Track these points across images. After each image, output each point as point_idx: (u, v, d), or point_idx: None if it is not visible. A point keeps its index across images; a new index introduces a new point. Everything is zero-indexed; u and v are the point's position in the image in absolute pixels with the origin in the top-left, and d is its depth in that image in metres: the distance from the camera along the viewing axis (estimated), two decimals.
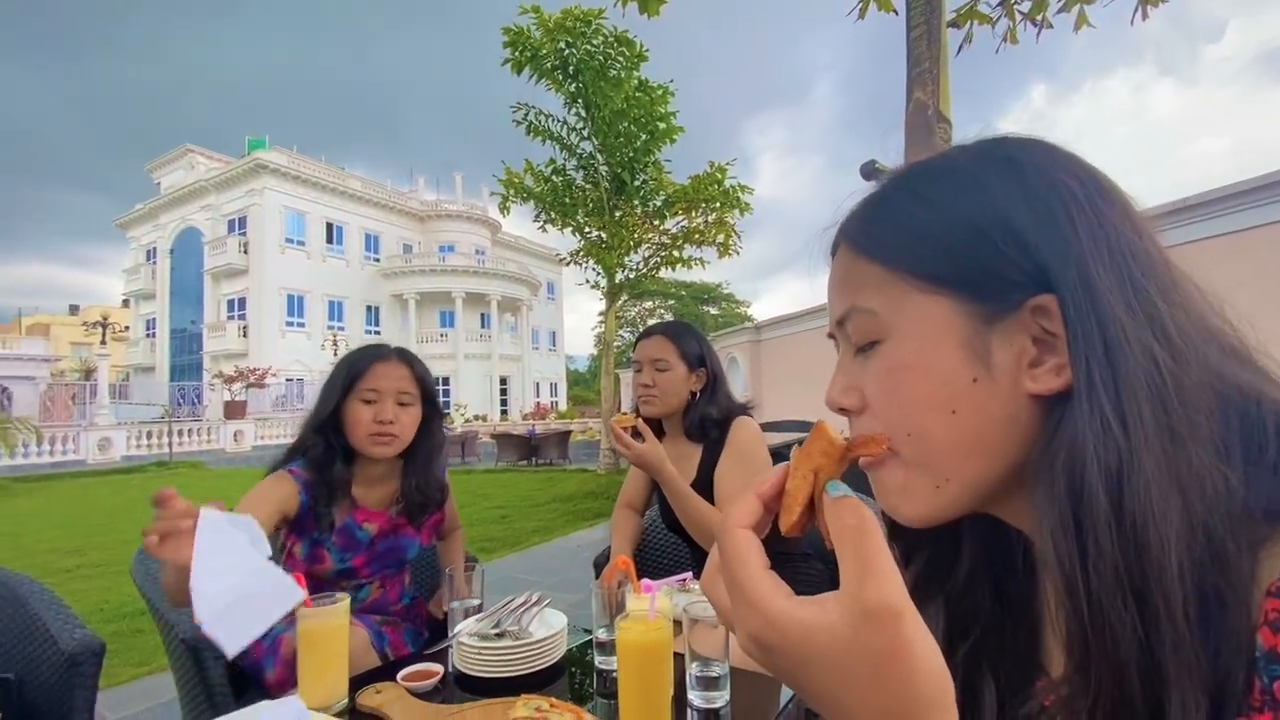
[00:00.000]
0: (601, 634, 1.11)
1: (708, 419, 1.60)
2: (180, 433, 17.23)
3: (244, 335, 25.79)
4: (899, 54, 3.36)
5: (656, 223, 8.23)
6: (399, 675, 1.07)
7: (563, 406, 34.89)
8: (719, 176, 7.82)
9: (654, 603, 0.97)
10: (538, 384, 35.33)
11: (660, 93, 7.52)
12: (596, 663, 1.11)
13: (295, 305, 26.45)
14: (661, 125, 7.71)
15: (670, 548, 1.89)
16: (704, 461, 1.60)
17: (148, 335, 30.87)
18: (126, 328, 33.21)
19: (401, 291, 28.97)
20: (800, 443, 0.36)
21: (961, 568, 0.44)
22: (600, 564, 1.83)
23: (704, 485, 1.56)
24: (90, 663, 1.11)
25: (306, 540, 1.37)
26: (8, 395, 22.53)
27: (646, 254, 8.45)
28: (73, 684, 1.10)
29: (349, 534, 1.40)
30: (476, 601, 1.29)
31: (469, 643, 1.12)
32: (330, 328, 26.88)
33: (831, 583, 0.29)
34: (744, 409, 1.64)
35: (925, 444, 0.36)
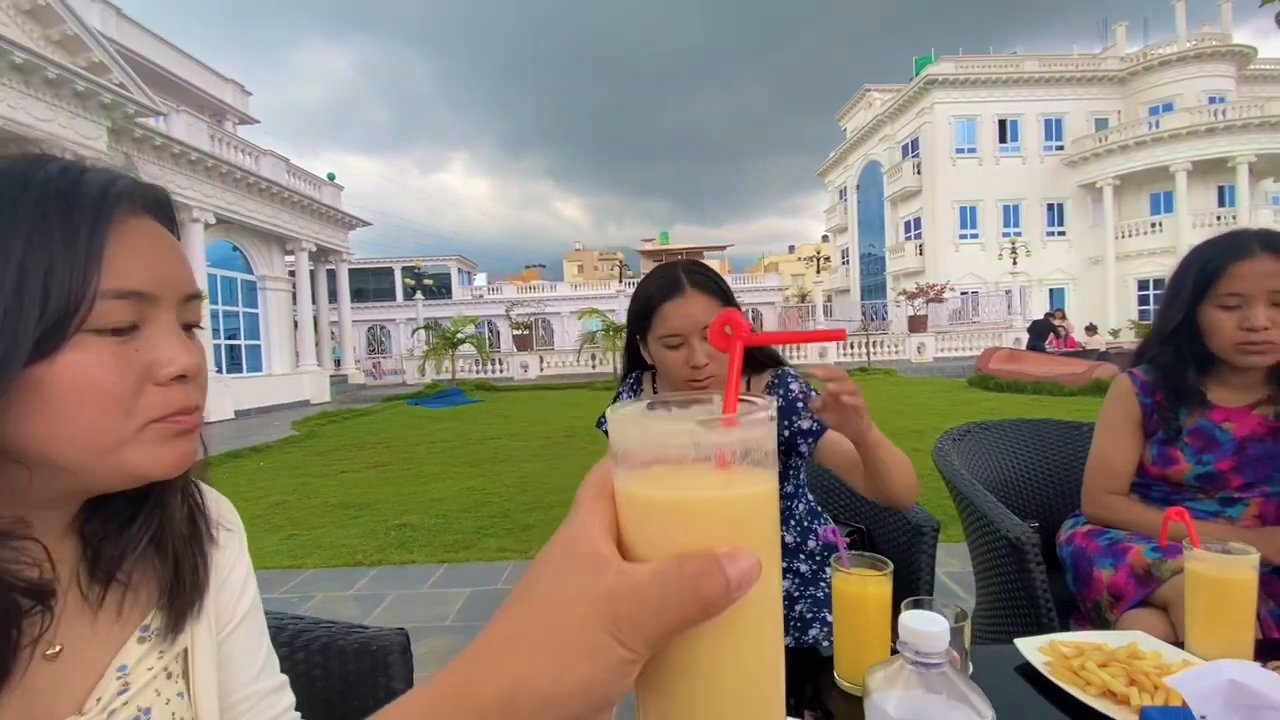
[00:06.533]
0: None
1: None
2: (873, 344, 20.12)
3: (920, 253, 27.49)
4: None
5: None
6: None
7: None
8: None
9: None
10: None
11: None
12: None
13: (967, 216, 26.19)
14: None
15: None
16: None
17: (843, 263, 37.17)
18: (828, 258, 41.06)
19: (1093, 179, 24.31)
20: None
21: None
22: None
23: None
24: (930, 535, 1.27)
25: (1154, 443, 1.30)
26: (760, 316, 32.05)
27: None
28: (918, 548, 1.28)
29: (1206, 435, 1.25)
30: None
31: None
32: (1005, 234, 25.41)
33: None
34: None
35: None
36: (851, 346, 20.21)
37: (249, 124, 18.41)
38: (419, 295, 25.86)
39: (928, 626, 0.42)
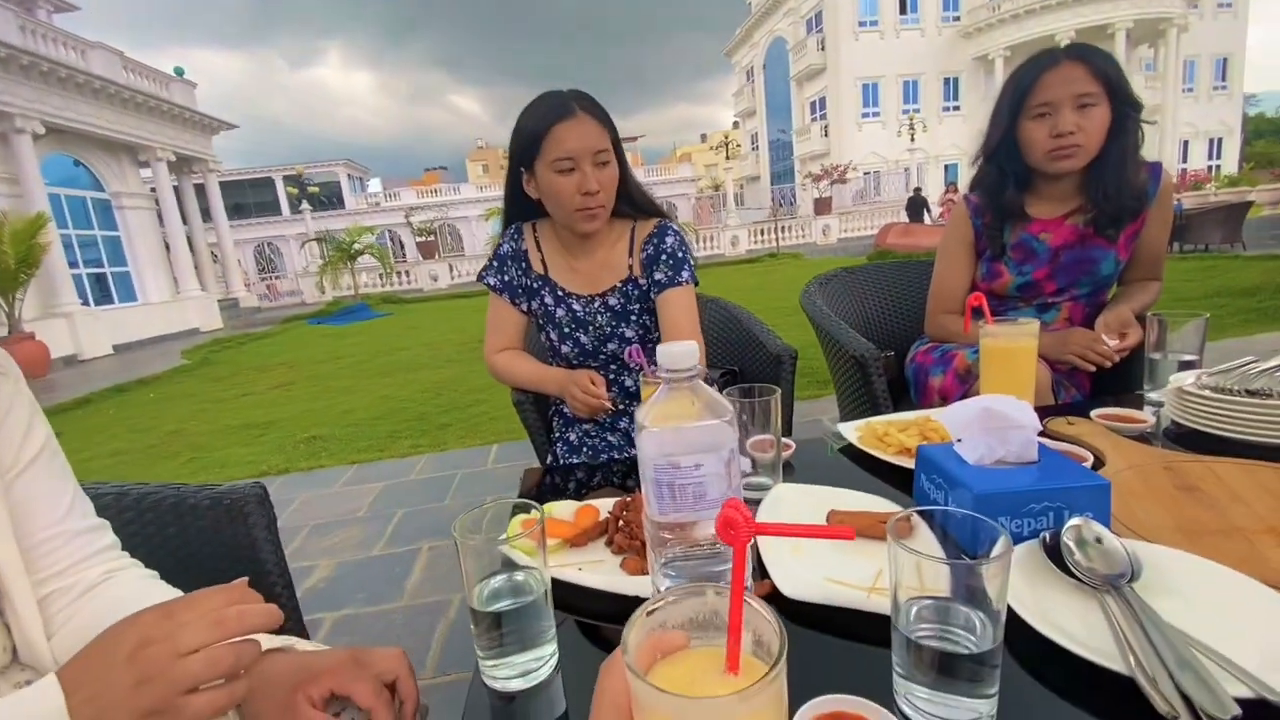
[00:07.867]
0: None
1: None
2: (782, 229, 20.53)
3: (825, 135, 27.60)
4: None
5: None
6: (1093, 413, 0.93)
7: (1231, 169, 24.74)
8: None
9: None
10: (1186, 142, 25.75)
11: None
12: None
13: (870, 94, 26.28)
14: None
15: None
16: None
17: (753, 149, 36.88)
18: (739, 144, 40.53)
19: (986, 51, 24.77)
20: None
21: None
22: None
23: None
24: (789, 362, 1.37)
25: (984, 261, 1.41)
26: (674, 207, 31.72)
27: None
28: (779, 375, 1.38)
29: (1026, 247, 1.36)
30: (1193, 356, 1.00)
31: (1197, 393, 0.86)
32: (905, 112, 25.82)
33: None
34: None
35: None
36: (762, 234, 20.54)
37: (66, 11, 15.39)
38: (305, 206, 23.65)
39: (676, 348, 0.45)
